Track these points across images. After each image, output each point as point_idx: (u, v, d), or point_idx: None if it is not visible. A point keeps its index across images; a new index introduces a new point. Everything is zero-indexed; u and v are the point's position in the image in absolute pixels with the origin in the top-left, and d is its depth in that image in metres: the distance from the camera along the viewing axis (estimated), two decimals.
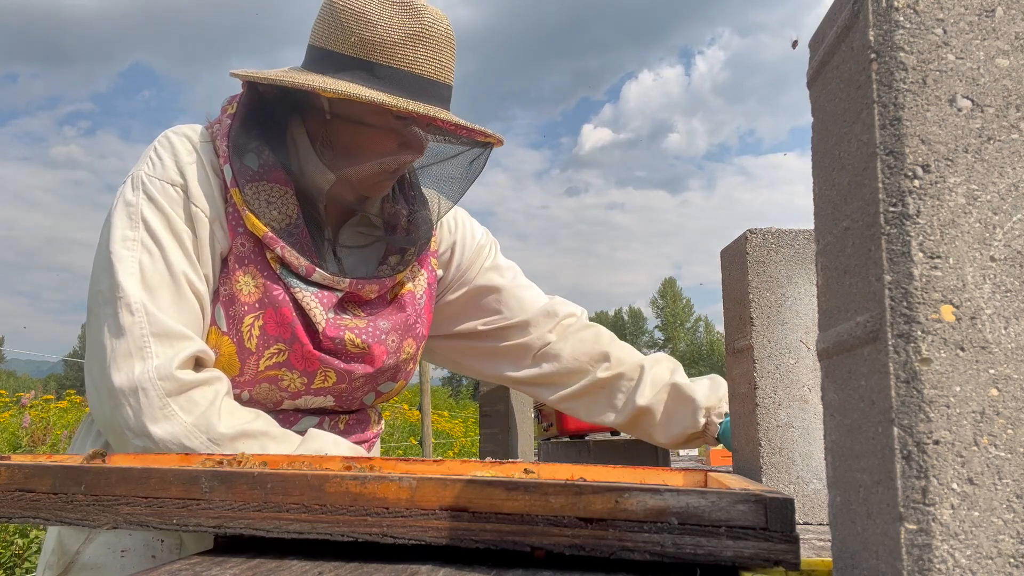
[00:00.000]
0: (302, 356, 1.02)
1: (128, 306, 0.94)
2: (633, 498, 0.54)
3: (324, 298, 1.04)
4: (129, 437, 0.91)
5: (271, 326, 1.01)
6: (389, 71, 0.99)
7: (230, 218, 1.03)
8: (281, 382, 1.04)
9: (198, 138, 1.05)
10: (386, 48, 0.99)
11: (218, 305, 1.02)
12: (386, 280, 1.10)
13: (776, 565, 0.53)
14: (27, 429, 4.00)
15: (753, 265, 0.91)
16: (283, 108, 1.06)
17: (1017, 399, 0.35)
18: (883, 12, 0.37)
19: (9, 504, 0.65)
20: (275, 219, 1.02)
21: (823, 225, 0.45)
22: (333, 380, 1.06)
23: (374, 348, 1.07)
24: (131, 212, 0.99)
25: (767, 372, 0.90)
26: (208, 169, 1.03)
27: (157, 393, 0.91)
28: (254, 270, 1.02)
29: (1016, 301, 0.35)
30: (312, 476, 0.60)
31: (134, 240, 0.97)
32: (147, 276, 0.96)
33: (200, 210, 1.00)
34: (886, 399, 0.36)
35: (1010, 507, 0.34)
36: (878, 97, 0.37)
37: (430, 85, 1.01)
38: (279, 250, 1.01)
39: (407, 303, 1.13)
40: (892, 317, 0.36)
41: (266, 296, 1.01)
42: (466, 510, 0.57)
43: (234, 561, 0.59)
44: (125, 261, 0.96)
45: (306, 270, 1.02)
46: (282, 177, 1.04)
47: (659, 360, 1.32)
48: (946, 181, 0.36)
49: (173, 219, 0.99)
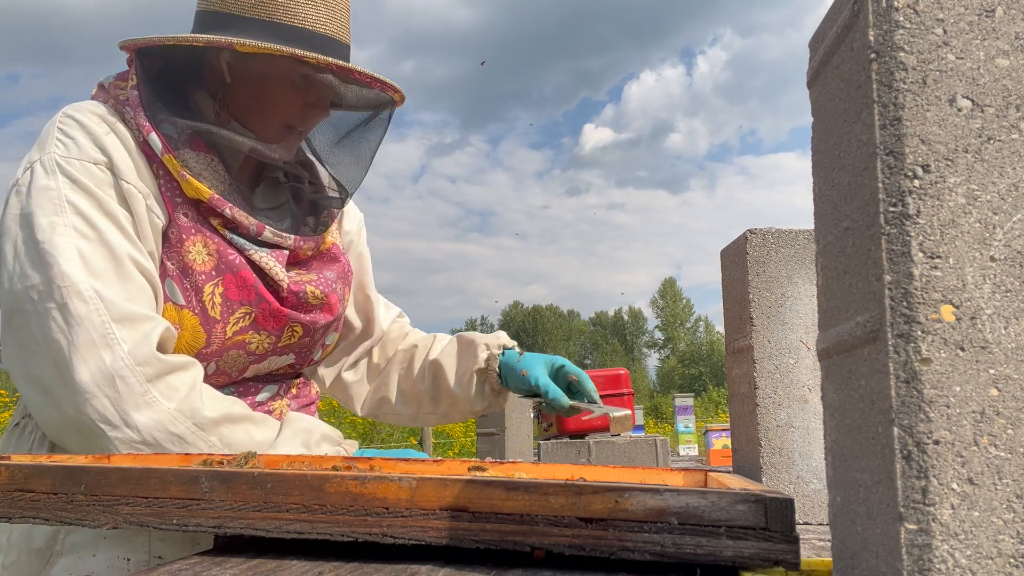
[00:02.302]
0: (270, 314, 1.02)
1: (79, 294, 0.87)
2: (633, 498, 0.54)
3: (278, 256, 1.03)
4: (104, 431, 0.86)
5: (232, 291, 0.99)
6: (290, 29, 0.99)
7: (163, 191, 0.98)
8: (249, 345, 1.02)
9: (107, 112, 0.98)
10: (287, 7, 0.99)
11: (168, 280, 0.98)
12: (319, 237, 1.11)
13: (776, 565, 0.53)
14: None
15: (753, 265, 0.92)
16: (181, 76, 1.03)
17: (1017, 399, 0.35)
18: (883, 12, 0.37)
19: (9, 504, 0.65)
20: (217, 183, 0.99)
21: (823, 225, 0.45)
22: (299, 334, 1.07)
23: (331, 297, 1.10)
24: (53, 197, 0.91)
25: (767, 372, 0.90)
26: (130, 143, 0.97)
27: (137, 379, 0.87)
28: (203, 238, 0.98)
29: (1016, 301, 0.35)
30: (312, 476, 0.60)
31: (64, 226, 0.90)
32: (89, 261, 0.90)
33: (132, 186, 0.95)
34: (886, 399, 0.36)
35: (1010, 507, 0.34)
36: (878, 97, 0.37)
37: (330, 43, 1.02)
38: (228, 211, 0.98)
39: (337, 254, 1.15)
40: (892, 317, 0.36)
41: (222, 262, 0.99)
42: (466, 510, 0.57)
43: (234, 561, 0.59)
44: (61, 248, 0.89)
45: (256, 229, 1.01)
46: (203, 144, 1.01)
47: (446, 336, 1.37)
48: (946, 181, 0.36)
49: (103, 199, 0.93)
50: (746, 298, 0.92)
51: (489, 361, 1.25)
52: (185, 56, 1.01)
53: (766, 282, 0.91)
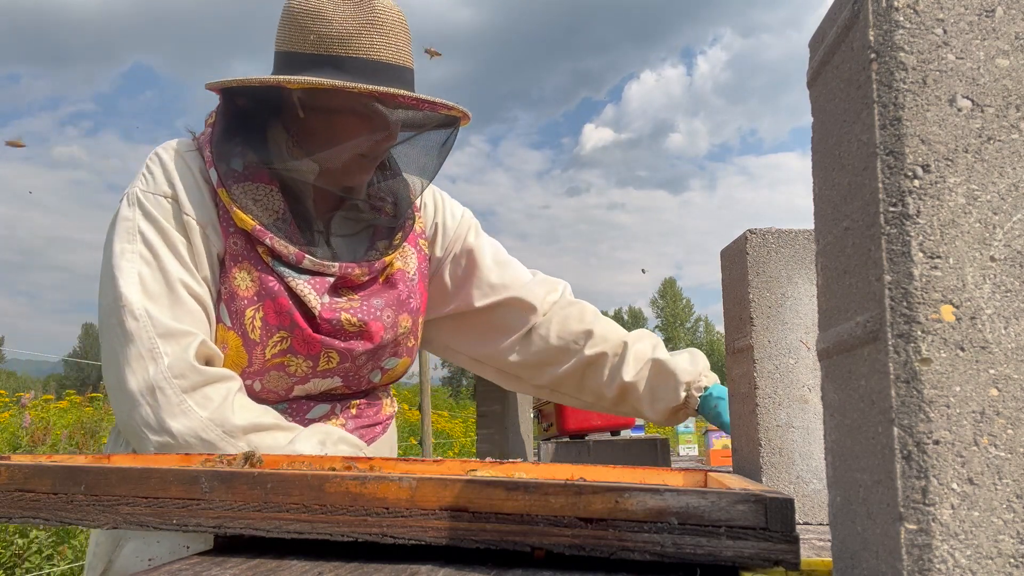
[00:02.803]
0: (303, 340, 1.07)
1: (132, 313, 0.99)
2: (633, 498, 0.54)
3: (317, 284, 1.09)
4: (148, 435, 0.96)
5: (271, 316, 1.06)
6: (348, 61, 1.06)
7: (222, 220, 1.08)
8: (288, 368, 1.09)
9: (185, 149, 1.11)
10: (343, 40, 1.05)
11: (221, 303, 1.07)
12: (375, 263, 1.14)
13: (776, 565, 0.53)
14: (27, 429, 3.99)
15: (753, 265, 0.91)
16: (260, 112, 1.12)
17: (1017, 399, 0.35)
18: (883, 12, 0.37)
19: (9, 504, 0.65)
20: (262, 214, 1.07)
21: (823, 225, 0.45)
22: (336, 360, 1.11)
23: (371, 324, 1.12)
24: (128, 227, 1.05)
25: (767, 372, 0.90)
26: (198, 177, 1.09)
27: (174, 390, 0.96)
28: (248, 265, 1.07)
29: (1016, 301, 0.35)
30: (312, 476, 0.60)
31: (132, 253, 1.03)
32: (147, 285, 1.02)
33: (191, 217, 1.06)
34: (886, 399, 0.36)
35: (1010, 507, 0.34)
36: (878, 97, 0.37)
37: (388, 68, 1.07)
38: (268, 241, 1.06)
39: (398, 280, 1.19)
40: (892, 317, 0.36)
41: (262, 288, 1.07)
42: (466, 510, 0.57)
43: (234, 561, 0.59)
44: (125, 273, 1.02)
45: (295, 257, 1.08)
46: (266, 176, 1.09)
47: (641, 337, 1.36)
48: (946, 181, 0.36)
49: (167, 229, 1.05)
50: (746, 298, 0.92)
51: (688, 400, 1.28)
52: (261, 94, 1.10)
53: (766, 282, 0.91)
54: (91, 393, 5.99)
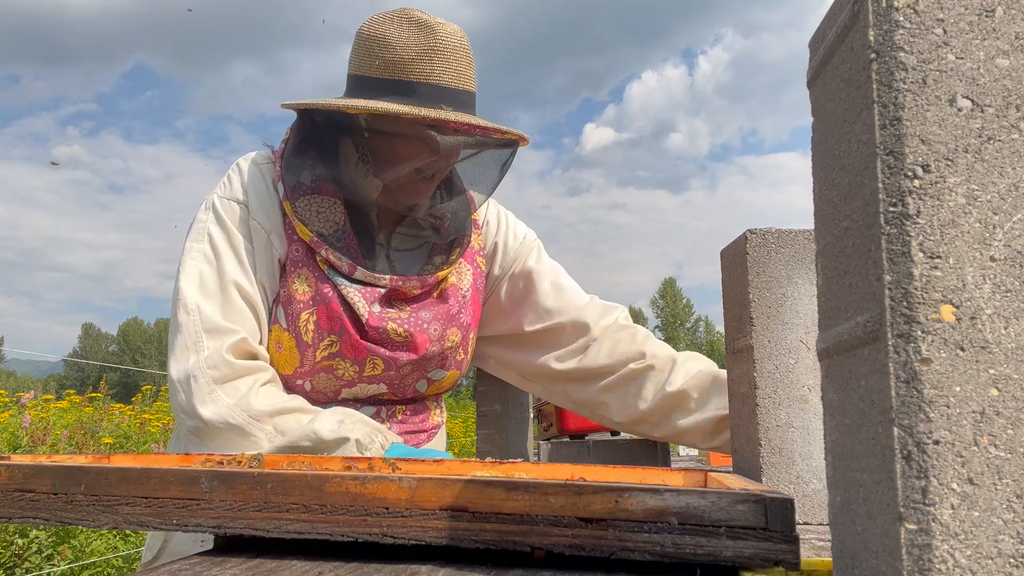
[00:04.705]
0: (351, 345, 1.14)
1: (185, 307, 1.09)
2: (633, 498, 0.54)
3: (368, 294, 1.16)
4: (184, 419, 1.05)
5: (323, 320, 1.14)
6: (411, 85, 1.11)
7: (286, 228, 1.17)
8: (336, 371, 1.16)
9: (262, 161, 1.21)
10: (405, 65, 1.11)
11: (279, 305, 1.16)
12: (427, 277, 1.20)
13: (776, 565, 0.53)
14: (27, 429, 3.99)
15: (753, 265, 0.91)
16: (332, 131, 1.20)
17: (1017, 399, 0.35)
18: (883, 12, 0.37)
19: (9, 504, 0.65)
20: (322, 226, 1.16)
21: (823, 225, 0.45)
22: (381, 368, 1.18)
23: (416, 336, 1.18)
24: (200, 228, 1.16)
25: (767, 372, 0.89)
26: (270, 187, 1.18)
27: (206, 379, 1.04)
28: (307, 272, 1.16)
29: (1016, 301, 0.35)
30: (312, 476, 0.60)
31: (198, 252, 1.13)
32: (204, 283, 1.11)
33: (258, 223, 1.16)
34: (886, 399, 0.36)
35: (1010, 507, 0.34)
36: (878, 97, 0.37)
37: (449, 92, 1.12)
38: (324, 252, 1.15)
39: (450, 295, 1.24)
40: (892, 317, 0.36)
41: (317, 294, 1.15)
42: (466, 510, 0.57)
43: (234, 561, 0.59)
44: (188, 269, 1.12)
45: (348, 269, 1.15)
46: (332, 190, 1.18)
47: (694, 356, 1.33)
48: (946, 181, 0.36)
49: (232, 233, 1.14)
50: (746, 298, 0.92)
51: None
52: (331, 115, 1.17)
53: (766, 282, 0.91)
54: (91, 393, 5.98)
